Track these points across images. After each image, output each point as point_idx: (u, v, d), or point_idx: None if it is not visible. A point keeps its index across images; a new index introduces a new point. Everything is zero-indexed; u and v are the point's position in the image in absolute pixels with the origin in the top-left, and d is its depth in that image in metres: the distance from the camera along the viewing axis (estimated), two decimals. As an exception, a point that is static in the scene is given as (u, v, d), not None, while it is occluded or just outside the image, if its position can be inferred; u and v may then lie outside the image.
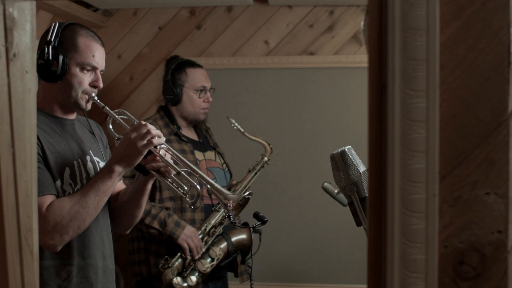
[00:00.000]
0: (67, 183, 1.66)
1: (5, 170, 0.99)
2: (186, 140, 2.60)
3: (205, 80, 2.65)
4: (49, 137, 1.66)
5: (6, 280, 1.00)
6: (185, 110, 2.61)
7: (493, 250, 0.90)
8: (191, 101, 2.61)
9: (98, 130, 1.92)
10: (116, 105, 3.28)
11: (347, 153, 1.44)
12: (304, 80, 3.19)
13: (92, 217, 1.63)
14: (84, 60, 1.68)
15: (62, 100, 1.71)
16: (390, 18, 0.88)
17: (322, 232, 3.19)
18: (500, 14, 0.88)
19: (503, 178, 0.89)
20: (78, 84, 1.68)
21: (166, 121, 2.60)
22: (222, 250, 2.52)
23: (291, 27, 3.20)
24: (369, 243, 0.95)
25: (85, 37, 1.70)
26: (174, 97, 2.59)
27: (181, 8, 3.24)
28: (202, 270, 2.49)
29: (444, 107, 0.90)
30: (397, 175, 0.89)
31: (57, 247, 1.60)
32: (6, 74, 0.99)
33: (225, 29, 3.23)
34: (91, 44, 1.70)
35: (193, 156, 2.57)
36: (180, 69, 2.63)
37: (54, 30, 1.68)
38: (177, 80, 2.61)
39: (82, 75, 1.69)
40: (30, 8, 1.04)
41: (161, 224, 2.41)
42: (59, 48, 1.66)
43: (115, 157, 1.66)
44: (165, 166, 1.71)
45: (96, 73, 1.72)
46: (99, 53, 1.72)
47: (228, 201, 1.79)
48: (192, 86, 2.60)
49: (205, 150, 2.67)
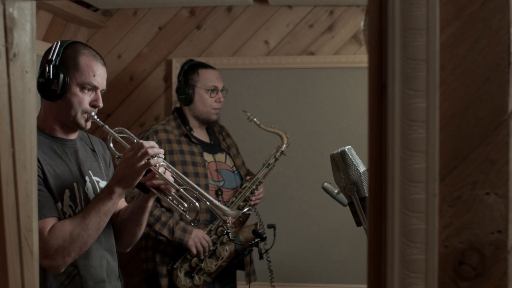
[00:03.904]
0: (67, 205, 1.66)
1: (5, 170, 0.99)
2: (196, 142, 2.64)
3: (217, 80, 2.71)
4: (50, 159, 1.66)
5: (6, 280, 1.00)
6: (197, 109, 2.66)
7: (493, 250, 0.90)
8: (202, 101, 2.66)
9: (101, 147, 1.91)
10: (116, 105, 3.28)
11: (347, 153, 1.44)
12: (304, 80, 3.19)
13: (94, 238, 1.64)
14: (84, 80, 1.67)
15: (62, 119, 1.70)
16: (390, 18, 0.88)
17: (322, 232, 3.19)
18: (500, 14, 0.88)
19: (503, 178, 0.89)
20: (78, 104, 1.68)
21: (178, 122, 2.66)
22: (228, 249, 2.54)
23: (291, 27, 3.20)
24: (369, 243, 0.95)
25: (87, 56, 1.70)
26: (186, 96, 2.65)
27: (181, 8, 3.24)
28: (206, 270, 2.52)
29: (444, 107, 0.90)
30: (397, 175, 0.89)
31: (60, 269, 1.62)
32: (6, 74, 0.99)
33: (225, 29, 3.23)
34: (92, 63, 1.69)
35: (202, 158, 2.60)
36: (192, 69, 2.70)
37: (56, 49, 1.67)
38: (190, 81, 2.67)
39: (82, 95, 1.68)
40: (30, 8, 1.04)
41: (170, 231, 2.46)
42: (60, 67, 1.66)
43: (114, 178, 1.67)
44: (165, 183, 1.72)
45: (97, 93, 1.71)
46: (100, 72, 1.71)
47: (227, 217, 1.80)
48: (203, 86, 2.66)
49: (215, 152, 2.71)
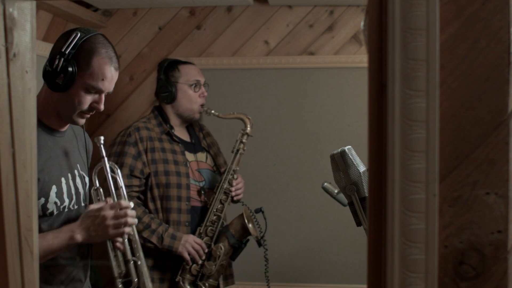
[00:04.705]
0: (52, 202, 1.62)
1: (5, 170, 0.99)
2: (178, 140, 2.59)
3: (198, 74, 2.66)
4: (38, 153, 1.62)
5: (6, 280, 1.00)
6: (181, 106, 2.61)
7: (493, 250, 0.90)
8: (186, 97, 2.60)
9: (84, 136, 1.87)
10: (116, 105, 3.28)
11: (347, 153, 1.44)
12: (304, 80, 3.19)
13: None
14: (92, 82, 1.61)
15: (58, 110, 1.66)
16: (390, 18, 0.88)
17: (322, 232, 3.19)
18: (500, 14, 0.88)
19: (503, 178, 0.89)
20: (78, 103, 1.62)
21: (159, 120, 2.60)
22: (223, 246, 2.50)
23: (291, 27, 3.20)
24: (369, 243, 0.95)
25: (102, 58, 1.62)
26: (169, 94, 2.59)
27: (181, 8, 3.24)
28: (208, 273, 2.48)
29: (444, 107, 0.90)
30: (397, 175, 0.89)
31: None
32: (6, 74, 0.99)
33: (225, 29, 3.23)
34: (105, 67, 1.62)
35: (183, 157, 2.56)
36: (172, 66, 2.65)
37: (74, 40, 1.60)
38: (171, 78, 2.62)
39: (85, 96, 1.62)
40: (30, 8, 1.04)
41: (159, 239, 2.41)
42: (71, 62, 1.59)
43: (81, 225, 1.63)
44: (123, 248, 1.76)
45: (101, 96, 1.65)
46: (110, 77, 1.64)
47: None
48: (186, 81, 2.61)
49: (196, 152, 2.65)
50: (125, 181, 2.37)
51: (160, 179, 2.47)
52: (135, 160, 2.45)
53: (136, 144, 2.47)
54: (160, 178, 2.47)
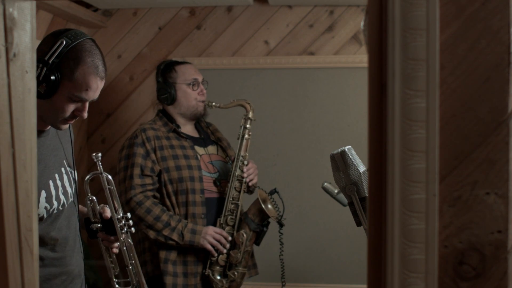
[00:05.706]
0: (42, 207, 1.60)
1: (5, 170, 0.99)
2: (186, 136, 2.62)
3: (196, 73, 2.68)
4: None
5: (6, 280, 1.00)
6: (183, 106, 2.64)
7: (493, 250, 0.90)
8: (186, 96, 2.63)
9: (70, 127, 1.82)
10: (116, 105, 3.28)
11: (347, 153, 1.44)
12: (304, 80, 3.19)
13: None
14: (75, 92, 1.56)
15: (40, 114, 1.56)
16: (390, 18, 0.88)
17: (322, 232, 3.19)
18: (500, 14, 0.88)
19: (503, 178, 0.89)
20: (60, 111, 1.58)
21: (165, 120, 2.64)
22: (245, 233, 2.53)
23: (291, 27, 3.20)
24: (369, 243, 0.95)
25: (88, 67, 1.55)
26: (169, 95, 2.62)
27: (181, 8, 3.24)
28: (234, 261, 2.53)
29: (444, 107, 0.90)
30: (397, 175, 0.89)
31: None
32: (6, 74, 0.99)
33: (225, 29, 3.23)
34: (90, 77, 1.56)
35: (193, 151, 2.59)
36: (169, 68, 2.68)
37: (57, 50, 1.53)
38: (169, 79, 2.65)
39: (67, 104, 1.57)
40: (30, 8, 1.04)
41: (179, 236, 2.46)
42: (54, 71, 1.53)
43: None
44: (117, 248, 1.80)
45: (84, 104, 1.60)
46: (95, 87, 1.58)
47: None
48: (184, 81, 2.64)
49: (207, 145, 2.69)
50: (138, 181, 2.46)
51: (173, 175, 2.51)
52: (145, 160, 2.50)
53: (144, 144, 2.52)
54: (172, 173, 2.51)
